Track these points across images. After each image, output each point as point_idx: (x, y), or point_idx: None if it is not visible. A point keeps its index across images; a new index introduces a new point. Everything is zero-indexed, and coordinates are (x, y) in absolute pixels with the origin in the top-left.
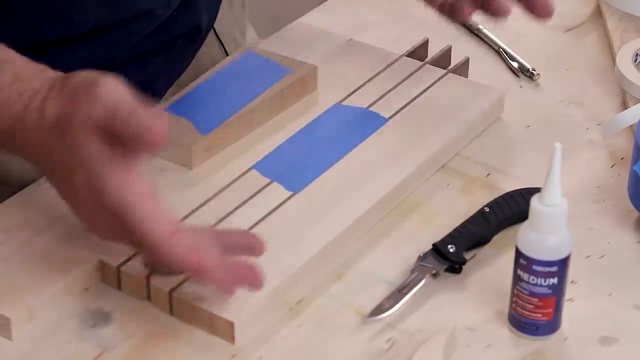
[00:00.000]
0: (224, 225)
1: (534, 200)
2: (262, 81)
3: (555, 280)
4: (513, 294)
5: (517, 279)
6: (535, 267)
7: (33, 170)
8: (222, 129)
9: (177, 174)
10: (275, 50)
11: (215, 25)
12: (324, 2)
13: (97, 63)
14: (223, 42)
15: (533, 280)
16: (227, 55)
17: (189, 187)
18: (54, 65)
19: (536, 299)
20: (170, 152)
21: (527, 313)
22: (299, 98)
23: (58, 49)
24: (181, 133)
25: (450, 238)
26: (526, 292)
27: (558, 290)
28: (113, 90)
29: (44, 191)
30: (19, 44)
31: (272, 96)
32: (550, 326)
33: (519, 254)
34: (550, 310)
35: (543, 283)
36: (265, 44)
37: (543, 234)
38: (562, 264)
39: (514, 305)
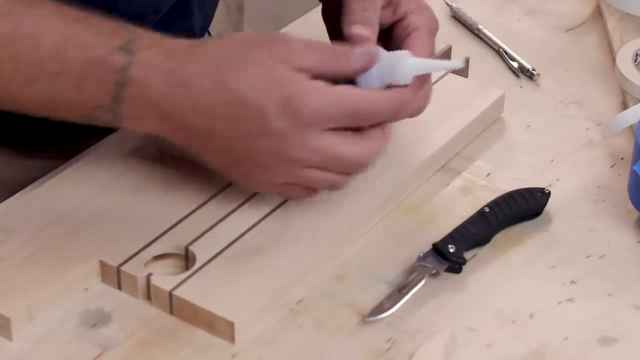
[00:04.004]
0: (223, 226)
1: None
2: None
3: None
4: None
5: None
6: None
7: (32, 171)
8: None
9: (181, 171)
10: None
11: (210, 29)
12: None
13: None
14: None
15: None
16: None
17: (189, 187)
18: None
19: None
20: None
21: None
22: None
23: None
24: None
25: (450, 238)
26: None
27: None
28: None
29: (44, 191)
30: None
31: None
32: None
33: None
34: None
35: None
36: None
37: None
38: None
39: None
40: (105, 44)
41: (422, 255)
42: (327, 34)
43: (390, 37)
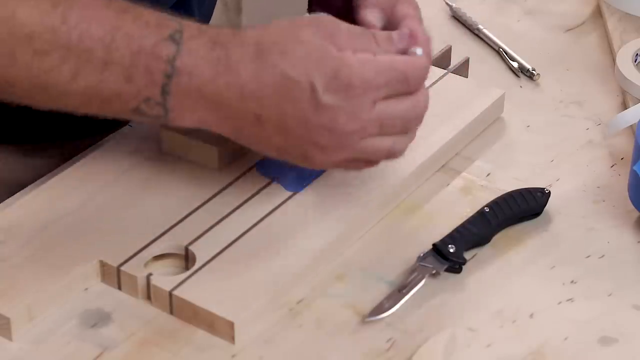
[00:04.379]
0: (223, 226)
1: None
2: None
3: None
4: None
5: None
6: None
7: (32, 171)
8: None
9: (181, 171)
10: None
11: None
12: None
13: None
14: None
15: None
16: None
17: (189, 187)
18: None
19: None
20: (197, 153)
21: None
22: None
23: None
24: (206, 134)
25: (450, 238)
26: None
27: None
28: None
29: (44, 191)
30: None
31: None
32: None
33: None
34: None
35: None
36: None
37: None
38: None
39: None
40: (154, 34)
41: (422, 255)
42: None
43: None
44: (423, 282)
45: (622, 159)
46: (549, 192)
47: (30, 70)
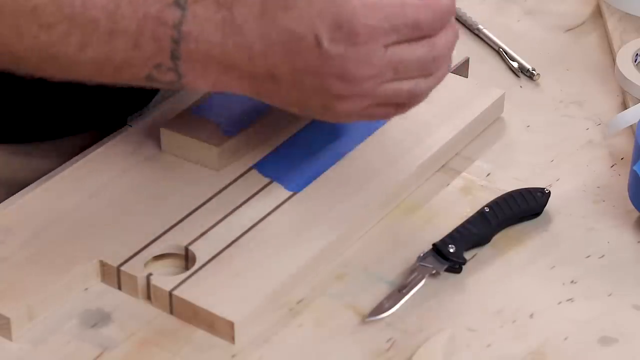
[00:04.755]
0: (223, 226)
1: None
2: None
3: None
4: None
5: None
6: None
7: (32, 171)
8: (249, 131)
9: (181, 171)
10: None
11: None
12: None
13: None
14: None
15: None
16: None
17: (189, 187)
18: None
19: None
20: (194, 153)
21: None
22: None
23: None
24: (206, 134)
25: (450, 238)
26: None
27: None
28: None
29: (44, 191)
30: None
31: None
32: None
33: None
34: None
35: None
36: None
37: None
38: None
39: None
40: (158, 0)
41: (422, 255)
42: None
43: None
44: (423, 282)
45: (622, 159)
46: (549, 192)
47: (38, 44)
